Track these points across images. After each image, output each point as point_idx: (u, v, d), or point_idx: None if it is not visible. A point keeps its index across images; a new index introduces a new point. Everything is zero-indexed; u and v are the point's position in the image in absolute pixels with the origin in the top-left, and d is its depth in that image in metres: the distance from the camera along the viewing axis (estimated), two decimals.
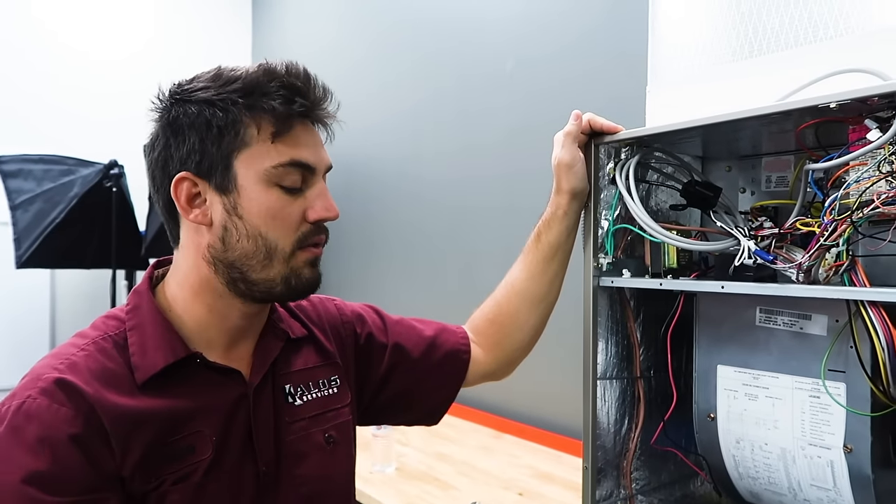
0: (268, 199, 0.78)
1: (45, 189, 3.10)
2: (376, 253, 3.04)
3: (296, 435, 0.87)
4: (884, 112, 0.71)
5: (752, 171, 1.02)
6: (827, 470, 0.81)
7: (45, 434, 0.69)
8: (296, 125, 0.79)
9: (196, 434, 0.78)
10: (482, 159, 2.42)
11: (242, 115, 0.76)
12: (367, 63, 3.08)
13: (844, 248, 0.73)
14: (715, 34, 0.92)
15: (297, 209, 0.79)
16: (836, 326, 0.80)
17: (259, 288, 0.80)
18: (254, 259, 0.78)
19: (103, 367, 0.75)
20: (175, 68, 3.73)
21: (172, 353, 0.78)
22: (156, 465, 0.74)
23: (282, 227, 0.79)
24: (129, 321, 0.80)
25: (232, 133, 0.77)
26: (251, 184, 0.77)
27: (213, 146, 0.77)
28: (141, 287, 0.84)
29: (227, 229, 0.78)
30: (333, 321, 1.00)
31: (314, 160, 0.80)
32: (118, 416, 0.72)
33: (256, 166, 0.77)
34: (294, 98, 0.77)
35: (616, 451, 0.99)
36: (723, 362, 0.92)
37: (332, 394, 0.93)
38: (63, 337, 3.60)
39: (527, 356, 1.10)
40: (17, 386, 0.74)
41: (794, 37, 0.84)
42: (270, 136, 0.77)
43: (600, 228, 0.96)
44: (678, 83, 0.97)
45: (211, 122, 0.76)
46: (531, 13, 2.21)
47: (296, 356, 0.91)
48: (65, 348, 0.77)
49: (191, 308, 0.82)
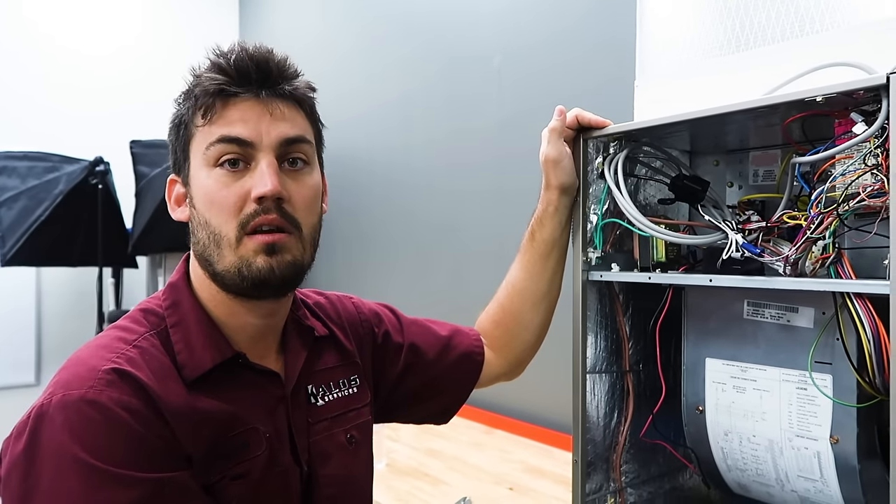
0: (207, 184, 0.76)
1: (30, 186, 3.07)
2: (365, 245, 3.04)
3: (319, 436, 0.86)
4: (869, 105, 0.71)
5: (739, 165, 1.02)
6: (814, 461, 0.82)
7: (115, 421, 0.66)
8: (230, 103, 0.75)
9: (251, 430, 0.77)
10: (471, 148, 2.42)
11: (189, 106, 0.78)
12: (355, 55, 3.08)
13: (831, 241, 0.74)
14: (702, 29, 0.92)
15: (236, 190, 0.75)
16: (823, 319, 0.81)
17: (224, 280, 0.76)
18: (209, 249, 0.76)
19: (159, 364, 0.73)
20: (160, 66, 3.70)
21: (220, 353, 0.77)
22: (215, 461, 0.73)
23: (220, 212, 0.75)
24: (169, 317, 0.78)
25: (183, 126, 0.79)
26: (196, 170, 0.77)
27: (177, 143, 0.80)
28: (178, 282, 0.81)
29: (191, 222, 0.79)
30: (352, 319, 0.99)
31: (247, 134, 0.75)
32: (179, 413, 0.71)
33: (198, 151, 0.77)
34: (218, 76, 0.75)
35: (606, 444, 1.00)
36: (711, 355, 0.93)
37: (352, 394, 0.92)
38: (49, 336, 3.58)
39: (535, 354, 1.10)
40: (61, 378, 0.69)
41: (780, 31, 0.84)
42: (202, 117, 0.76)
43: (589, 223, 0.96)
44: (666, 77, 0.97)
45: (175, 120, 0.80)
46: (519, 5, 2.21)
47: (318, 356, 0.90)
48: (112, 342, 0.74)
49: (213, 308, 0.80)
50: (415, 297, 2.66)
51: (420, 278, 2.70)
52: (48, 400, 0.67)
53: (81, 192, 3.10)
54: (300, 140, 0.79)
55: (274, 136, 0.76)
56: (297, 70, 0.80)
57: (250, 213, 0.75)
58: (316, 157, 0.84)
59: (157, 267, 3.49)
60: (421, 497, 1.64)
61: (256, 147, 0.76)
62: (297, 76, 0.80)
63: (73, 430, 0.65)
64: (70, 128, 3.57)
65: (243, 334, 0.81)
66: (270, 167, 0.75)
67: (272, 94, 0.77)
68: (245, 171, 0.76)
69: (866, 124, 0.70)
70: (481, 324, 1.11)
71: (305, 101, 0.81)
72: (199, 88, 0.76)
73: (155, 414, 0.69)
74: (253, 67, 0.76)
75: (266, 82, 0.77)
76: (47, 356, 3.59)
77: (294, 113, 0.79)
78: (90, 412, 0.66)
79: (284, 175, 0.77)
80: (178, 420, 0.71)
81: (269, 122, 0.76)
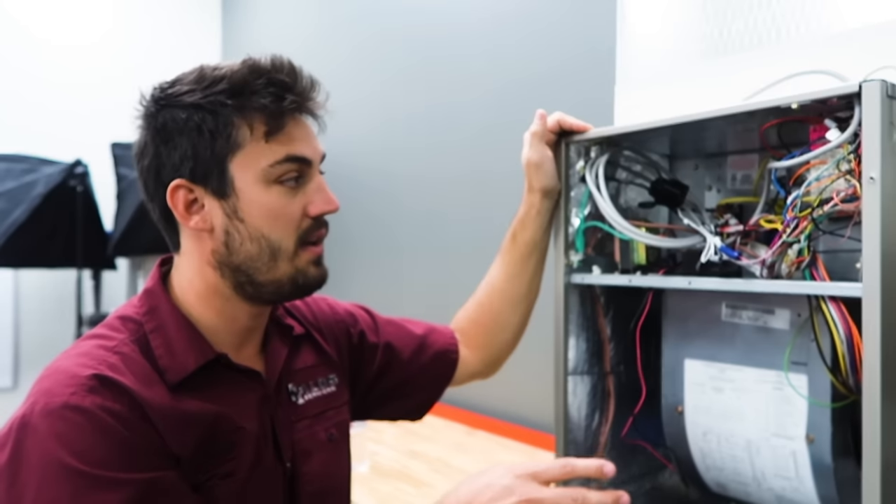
0: (268, 200, 0.76)
1: (7, 189, 3.03)
2: (344, 249, 3.03)
3: (301, 433, 0.87)
4: (842, 112, 0.73)
5: (718, 169, 1.04)
6: (790, 460, 0.84)
7: (99, 424, 0.66)
8: (287, 121, 0.77)
9: (237, 430, 0.78)
10: (452, 154, 2.43)
11: (233, 117, 0.74)
12: (331, 55, 3.07)
13: (806, 245, 0.76)
14: (681, 35, 0.94)
15: (297, 206, 0.78)
16: (799, 321, 0.83)
17: (267, 290, 0.79)
18: (259, 261, 0.77)
19: (141, 368, 0.73)
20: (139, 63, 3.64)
21: (202, 355, 0.77)
22: (203, 461, 0.74)
23: (284, 227, 0.77)
24: (147, 323, 0.78)
25: (224, 136, 0.75)
26: (249, 185, 0.76)
27: (205, 151, 0.75)
28: (154, 288, 0.81)
29: (229, 234, 0.77)
30: (328, 320, 0.99)
31: (309, 153, 0.79)
32: (164, 415, 0.71)
33: (253, 167, 0.75)
34: (283, 94, 0.75)
35: (587, 445, 1.01)
36: (690, 356, 0.94)
37: (331, 392, 0.93)
38: (27, 338, 3.52)
39: (512, 353, 1.11)
40: (41, 387, 0.69)
41: (758, 38, 0.86)
42: (263, 135, 0.75)
43: (571, 226, 0.98)
44: (646, 83, 0.98)
45: (201, 126, 0.74)
46: (500, 9, 2.23)
47: (297, 355, 0.91)
48: (92, 349, 0.73)
49: (202, 311, 0.80)
50: (392, 297, 2.66)
51: (397, 280, 2.70)
52: (30, 409, 0.66)
53: (60, 194, 3.07)
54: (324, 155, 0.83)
55: (320, 154, 0.81)
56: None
57: (309, 227, 0.79)
58: None
59: (137, 269, 3.45)
60: (404, 499, 1.64)
61: (312, 165, 0.80)
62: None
63: (58, 436, 0.64)
64: (48, 126, 3.49)
65: (227, 336, 0.81)
66: (325, 185, 0.81)
67: (308, 109, 0.80)
68: (301, 186, 0.79)
69: (840, 130, 0.71)
70: (459, 322, 1.11)
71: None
72: (256, 100, 0.74)
73: (140, 417, 0.69)
74: (308, 84, 0.78)
75: (311, 99, 0.79)
76: (24, 359, 3.54)
77: (316, 128, 0.83)
78: (75, 417, 0.65)
79: None
80: (163, 422, 0.70)
81: (314, 139, 0.81)
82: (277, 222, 0.77)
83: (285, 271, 0.78)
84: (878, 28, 0.76)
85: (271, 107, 0.75)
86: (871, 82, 0.66)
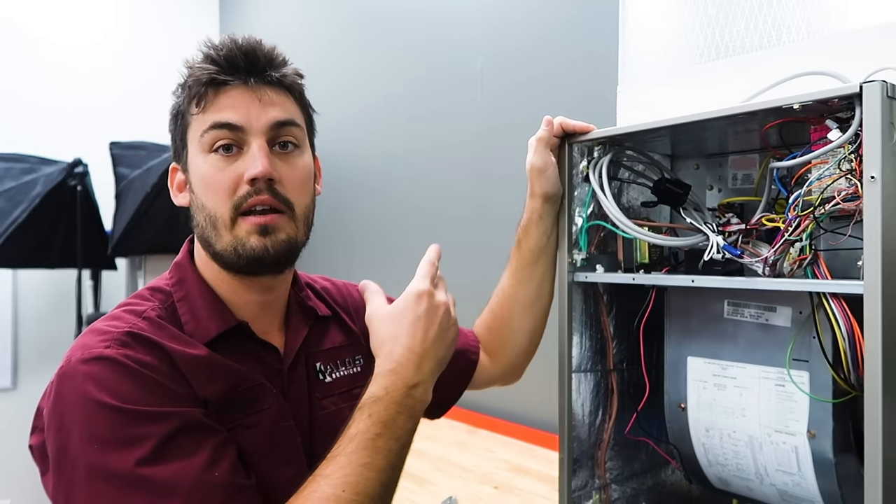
0: (204, 169, 0.80)
1: (7, 188, 3.03)
2: (345, 248, 3.04)
3: (327, 410, 0.89)
4: (843, 113, 0.74)
5: (719, 168, 1.05)
6: (792, 455, 0.85)
7: (132, 370, 0.70)
8: (220, 91, 0.79)
9: (259, 385, 0.81)
10: (454, 154, 2.43)
11: (184, 97, 0.82)
12: (335, 56, 3.07)
13: (807, 243, 0.77)
14: (683, 36, 0.95)
15: (229, 174, 0.79)
16: (800, 318, 0.84)
17: (223, 259, 0.81)
18: (207, 231, 0.81)
19: (169, 332, 0.77)
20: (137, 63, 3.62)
21: (224, 322, 0.81)
22: (228, 412, 0.77)
23: (215, 195, 0.79)
24: (176, 293, 0.83)
25: (180, 115, 0.83)
26: (193, 157, 0.81)
27: (176, 132, 0.84)
28: (183, 261, 0.86)
29: (191, 206, 0.83)
30: (357, 306, 1.01)
31: (238, 119, 0.79)
32: (194, 367, 0.75)
33: (194, 139, 0.81)
34: (208, 66, 0.79)
35: (591, 442, 1.02)
36: (693, 354, 0.95)
37: (356, 372, 0.95)
38: (26, 338, 3.52)
39: (530, 359, 1.12)
40: (78, 343, 0.74)
41: (759, 40, 0.87)
42: (195, 106, 0.80)
43: (574, 225, 0.99)
44: (648, 84, 0.99)
45: (173, 110, 0.84)
46: (503, 9, 2.23)
47: (324, 335, 0.94)
48: (123, 314, 0.78)
49: (216, 284, 0.84)
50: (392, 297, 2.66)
51: (397, 280, 2.70)
52: (67, 362, 0.72)
53: (60, 193, 3.06)
54: (289, 123, 0.83)
55: (264, 121, 0.80)
56: (285, 58, 0.84)
57: (243, 195, 0.79)
58: (307, 140, 0.88)
59: (137, 269, 3.45)
60: (407, 497, 1.65)
61: (247, 132, 0.79)
62: (285, 64, 0.84)
63: (95, 380, 0.69)
64: (47, 125, 3.49)
65: (245, 310, 0.85)
66: (261, 150, 0.79)
67: (261, 81, 0.81)
68: (238, 155, 0.80)
69: (841, 131, 0.72)
70: (476, 329, 1.13)
71: (294, 87, 0.85)
72: (191, 79, 0.80)
73: (170, 367, 0.73)
74: (241, 57, 0.80)
75: (254, 70, 0.81)
76: (24, 359, 3.53)
77: (283, 98, 0.83)
78: (109, 365, 0.70)
79: (276, 158, 0.81)
80: (192, 372, 0.74)
81: (258, 107, 0.80)
82: (210, 191, 0.80)
83: (227, 241, 0.80)
84: (878, 30, 0.78)
85: (201, 78, 0.79)
86: (872, 83, 0.67)
